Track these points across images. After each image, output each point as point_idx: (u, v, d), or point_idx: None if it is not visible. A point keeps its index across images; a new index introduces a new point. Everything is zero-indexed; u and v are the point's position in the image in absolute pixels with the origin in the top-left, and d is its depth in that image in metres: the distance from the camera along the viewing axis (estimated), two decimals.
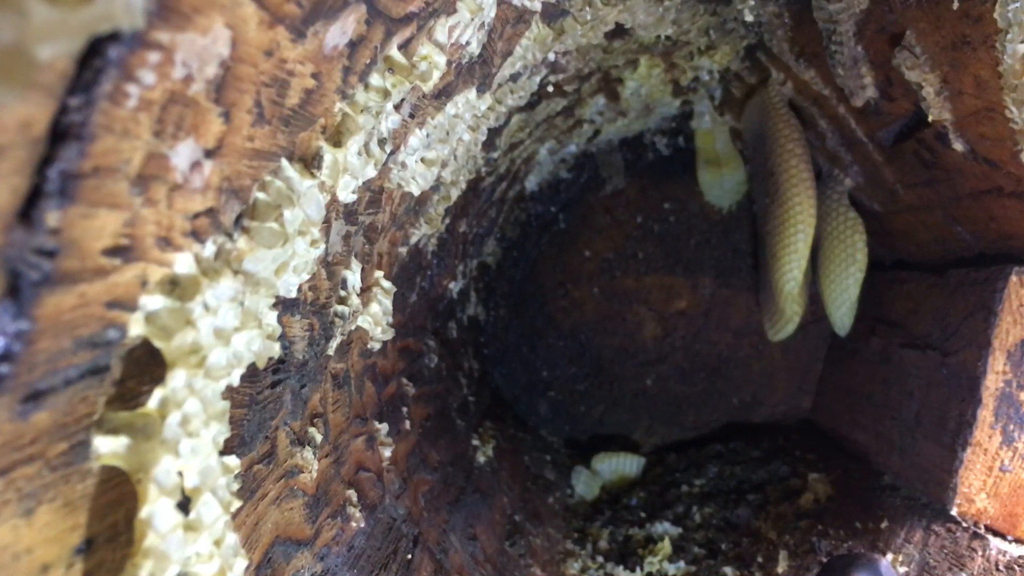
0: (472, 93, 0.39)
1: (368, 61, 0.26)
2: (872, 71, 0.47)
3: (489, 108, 0.45)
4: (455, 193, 0.51)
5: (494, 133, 0.51)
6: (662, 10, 0.51)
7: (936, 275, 0.62)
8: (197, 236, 0.19)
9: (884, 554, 0.54)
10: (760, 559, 0.59)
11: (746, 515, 0.66)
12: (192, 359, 0.19)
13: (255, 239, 0.22)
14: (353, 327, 0.38)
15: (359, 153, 0.28)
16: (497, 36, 0.39)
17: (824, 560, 0.56)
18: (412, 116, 0.34)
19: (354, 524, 0.37)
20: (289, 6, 0.19)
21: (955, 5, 0.36)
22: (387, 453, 0.44)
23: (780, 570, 0.57)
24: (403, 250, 0.47)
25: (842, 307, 0.72)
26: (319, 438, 0.34)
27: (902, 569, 0.52)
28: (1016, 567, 0.47)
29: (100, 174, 0.15)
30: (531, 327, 0.90)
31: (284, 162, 0.23)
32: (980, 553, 0.49)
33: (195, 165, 0.18)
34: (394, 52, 0.27)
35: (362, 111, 0.27)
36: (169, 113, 0.16)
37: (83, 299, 0.16)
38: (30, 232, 0.14)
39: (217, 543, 0.21)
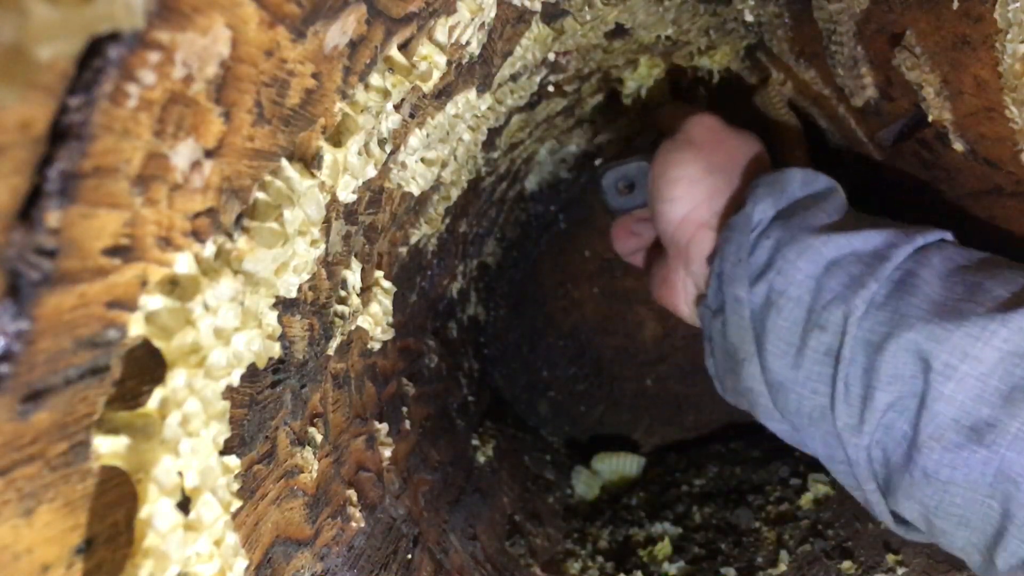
0: (472, 93, 0.39)
1: (368, 61, 0.26)
2: (872, 71, 0.47)
3: (489, 108, 0.45)
4: (455, 193, 0.51)
5: (494, 133, 0.51)
6: (662, 10, 0.51)
7: None
8: (197, 236, 0.19)
9: (884, 554, 0.54)
10: (760, 559, 0.59)
11: (746, 515, 0.66)
12: (192, 359, 0.19)
13: (255, 239, 0.22)
14: (353, 327, 0.38)
15: (359, 153, 0.28)
16: (497, 36, 0.39)
17: (824, 559, 0.56)
18: (412, 116, 0.34)
19: (354, 524, 0.37)
20: (289, 6, 0.19)
21: (955, 5, 0.36)
22: (387, 453, 0.44)
23: (780, 570, 0.57)
24: (403, 250, 0.48)
25: None
26: (319, 438, 0.34)
27: (901, 570, 0.52)
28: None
29: (100, 174, 0.15)
30: (531, 327, 0.90)
31: (284, 162, 0.23)
32: None
33: (195, 165, 0.18)
34: (394, 52, 0.27)
35: (362, 111, 0.27)
36: (169, 113, 0.16)
37: (83, 299, 0.16)
38: (30, 232, 0.14)
39: (217, 543, 0.21)
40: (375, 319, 0.39)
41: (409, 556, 0.42)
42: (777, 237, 0.42)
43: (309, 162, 0.25)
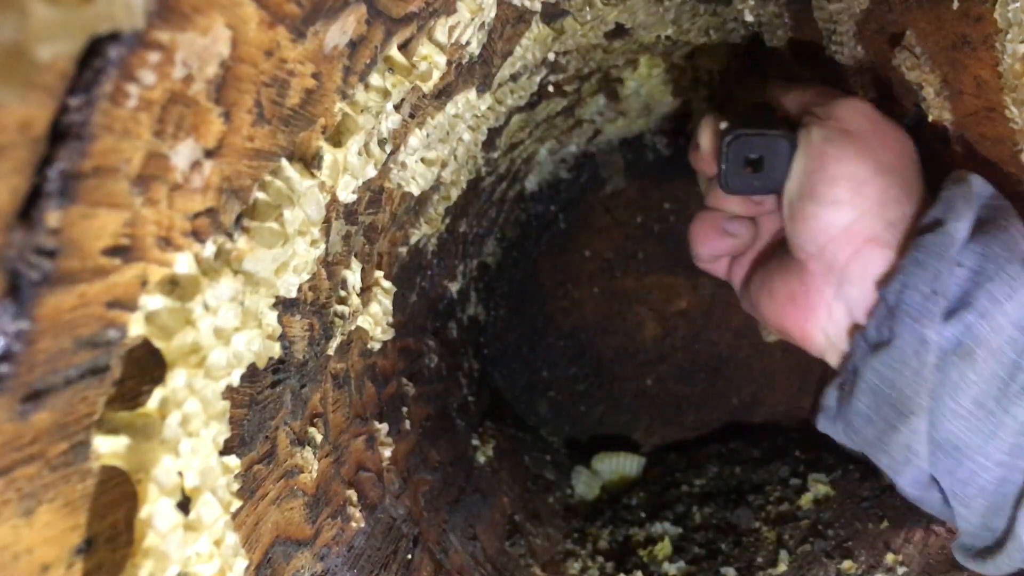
0: (472, 93, 0.39)
1: (368, 61, 0.26)
2: (872, 71, 0.47)
3: (489, 108, 0.45)
4: (455, 193, 0.51)
5: (494, 133, 0.51)
6: (662, 10, 0.51)
7: None
8: (197, 236, 0.19)
9: (884, 554, 0.54)
10: (760, 559, 0.59)
11: (746, 515, 0.66)
12: (192, 359, 0.19)
13: (255, 239, 0.22)
14: (353, 327, 0.38)
15: (359, 153, 0.28)
16: (497, 36, 0.39)
17: (824, 559, 0.56)
18: (412, 116, 0.34)
19: (354, 524, 0.37)
20: (289, 6, 0.19)
21: (955, 5, 0.36)
22: (387, 453, 0.44)
23: (780, 570, 0.57)
24: (403, 250, 0.48)
25: None
26: (319, 438, 0.34)
27: (902, 570, 0.52)
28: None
29: (100, 174, 0.15)
30: (531, 327, 0.90)
31: (284, 162, 0.23)
32: None
33: (195, 165, 0.18)
34: (394, 52, 0.27)
35: (362, 111, 0.27)
36: (169, 113, 0.16)
37: (83, 299, 0.16)
38: (30, 232, 0.14)
39: (217, 543, 0.21)
40: (375, 319, 0.39)
41: (409, 556, 0.42)
42: (974, 266, 0.34)
43: (309, 162, 0.25)
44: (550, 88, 0.56)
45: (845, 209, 0.38)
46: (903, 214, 0.38)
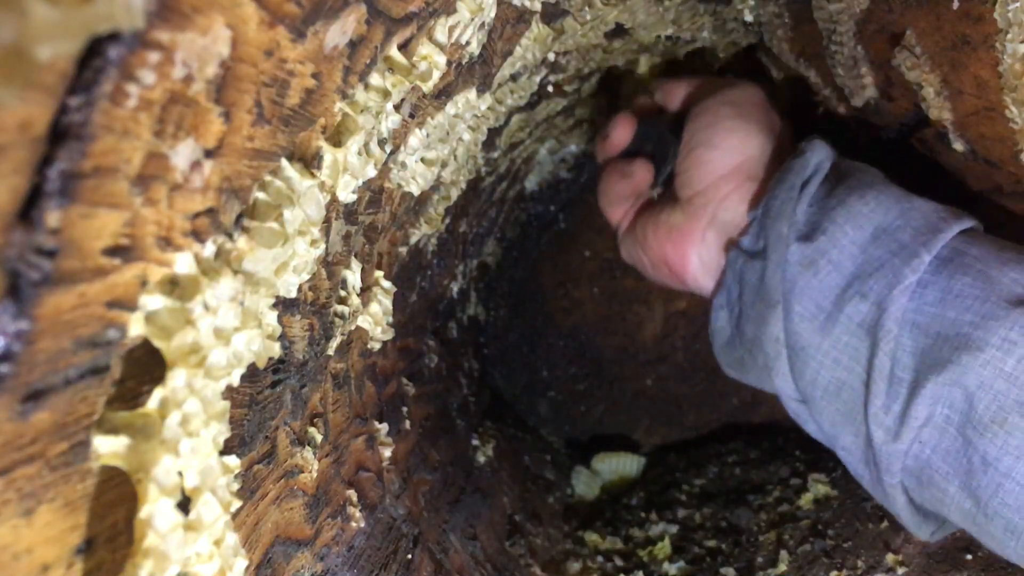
0: (472, 93, 0.39)
1: (368, 61, 0.26)
2: (872, 71, 0.47)
3: (489, 108, 0.45)
4: (455, 193, 0.51)
5: (494, 133, 0.51)
6: (662, 10, 0.51)
7: None
8: (197, 236, 0.19)
9: (884, 554, 0.54)
10: (760, 559, 0.59)
11: (746, 515, 0.66)
12: (192, 359, 0.19)
13: (255, 239, 0.22)
14: (353, 327, 0.38)
15: (359, 153, 0.28)
16: (497, 36, 0.39)
17: (824, 559, 0.56)
18: (412, 116, 0.34)
19: (354, 524, 0.37)
20: (289, 6, 0.19)
21: (955, 5, 0.36)
22: (387, 453, 0.44)
23: (780, 570, 0.57)
24: (403, 250, 0.47)
25: None
26: (319, 438, 0.34)
27: (902, 570, 0.52)
28: (1016, 567, 0.47)
29: (100, 174, 0.15)
30: (531, 327, 0.90)
31: (284, 162, 0.23)
32: (980, 553, 0.49)
33: (195, 165, 0.18)
34: (394, 52, 0.27)
35: (362, 111, 0.27)
36: (169, 113, 0.16)
37: (83, 299, 0.16)
38: (30, 232, 0.14)
39: (217, 543, 0.21)
40: (375, 319, 0.39)
41: (409, 556, 0.42)
42: (823, 199, 0.42)
43: (309, 162, 0.25)
44: (550, 88, 0.56)
45: (733, 154, 0.47)
46: (777, 167, 0.46)
